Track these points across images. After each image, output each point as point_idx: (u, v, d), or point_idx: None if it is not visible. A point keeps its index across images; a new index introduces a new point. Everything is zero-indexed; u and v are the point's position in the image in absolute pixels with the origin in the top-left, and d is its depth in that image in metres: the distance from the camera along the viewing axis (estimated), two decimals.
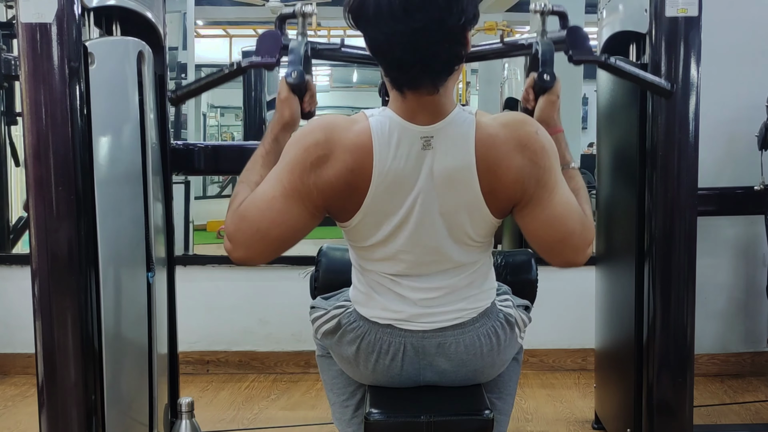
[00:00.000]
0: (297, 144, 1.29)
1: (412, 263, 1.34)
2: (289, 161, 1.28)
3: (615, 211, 2.26)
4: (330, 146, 1.26)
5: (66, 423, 1.60)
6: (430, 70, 1.23)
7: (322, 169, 1.26)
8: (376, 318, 1.39)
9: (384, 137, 1.26)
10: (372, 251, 1.35)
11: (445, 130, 1.26)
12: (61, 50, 1.53)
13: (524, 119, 1.31)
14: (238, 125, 8.68)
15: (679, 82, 1.84)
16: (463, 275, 1.37)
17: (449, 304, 1.38)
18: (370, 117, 1.29)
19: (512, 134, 1.27)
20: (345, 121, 1.29)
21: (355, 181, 1.27)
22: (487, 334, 1.40)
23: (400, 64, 1.23)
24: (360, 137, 1.26)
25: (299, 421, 2.57)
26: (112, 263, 1.69)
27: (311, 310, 1.54)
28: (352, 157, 1.25)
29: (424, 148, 1.26)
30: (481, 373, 1.44)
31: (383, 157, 1.26)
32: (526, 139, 1.27)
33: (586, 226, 1.33)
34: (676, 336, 1.92)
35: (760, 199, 2.49)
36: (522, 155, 1.27)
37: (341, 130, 1.27)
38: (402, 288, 1.37)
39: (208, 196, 7.56)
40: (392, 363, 1.40)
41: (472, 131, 1.26)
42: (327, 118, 1.30)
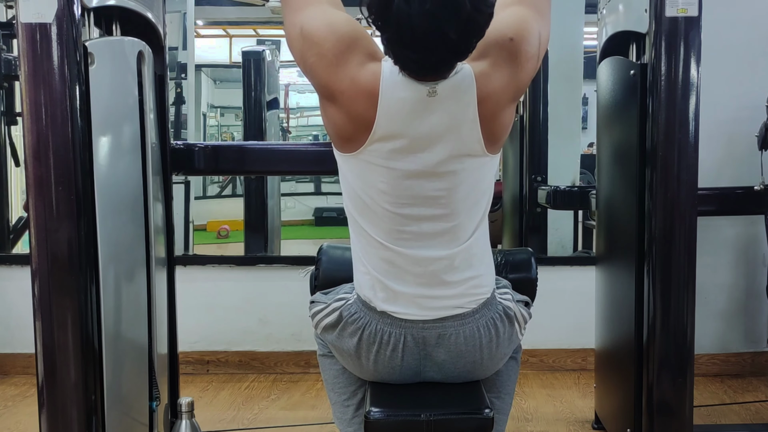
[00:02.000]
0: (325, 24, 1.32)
1: (411, 219, 1.36)
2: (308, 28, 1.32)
3: (615, 211, 2.26)
4: (338, 61, 1.30)
5: (66, 423, 1.60)
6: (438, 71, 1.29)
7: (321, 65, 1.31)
8: (376, 301, 1.39)
9: (391, 82, 1.30)
10: (370, 199, 1.36)
11: (448, 83, 1.30)
12: (61, 50, 1.52)
13: (496, 41, 1.33)
14: (238, 125, 8.68)
15: (679, 82, 1.84)
16: (460, 246, 1.38)
17: (448, 287, 1.38)
18: (384, 61, 1.32)
19: (503, 61, 1.32)
20: (365, 53, 1.32)
21: (349, 112, 1.32)
22: (487, 326, 1.41)
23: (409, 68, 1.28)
24: (367, 78, 1.30)
25: (299, 421, 2.57)
26: (112, 263, 1.69)
27: (311, 305, 1.54)
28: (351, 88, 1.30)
29: (429, 95, 1.30)
30: (479, 365, 1.44)
31: (388, 99, 1.29)
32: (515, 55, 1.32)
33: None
34: (676, 336, 1.92)
35: (760, 199, 2.49)
36: (521, 68, 1.33)
37: (356, 62, 1.31)
38: (401, 260, 1.37)
39: (208, 196, 7.55)
40: (393, 354, 1.40)
41: (472, 84, 1.31)
42: (360, 41, 1.33)
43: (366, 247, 1.41)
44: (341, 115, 1.33)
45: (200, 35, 7.00)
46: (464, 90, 1.30)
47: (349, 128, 1.33)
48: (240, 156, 2.30)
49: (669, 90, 1.85)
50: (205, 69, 7.93)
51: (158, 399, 1.90)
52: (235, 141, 7.86)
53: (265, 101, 4.02)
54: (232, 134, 9.79)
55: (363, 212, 1.39)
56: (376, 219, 1.37)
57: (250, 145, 2.87)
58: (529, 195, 3.47)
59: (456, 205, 1.37)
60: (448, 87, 1.30)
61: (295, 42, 1.36)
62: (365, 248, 1.41)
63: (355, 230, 1.43)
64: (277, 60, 4.26)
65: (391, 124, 1.30)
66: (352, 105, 1.31)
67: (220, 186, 7.85)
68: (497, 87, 1.32)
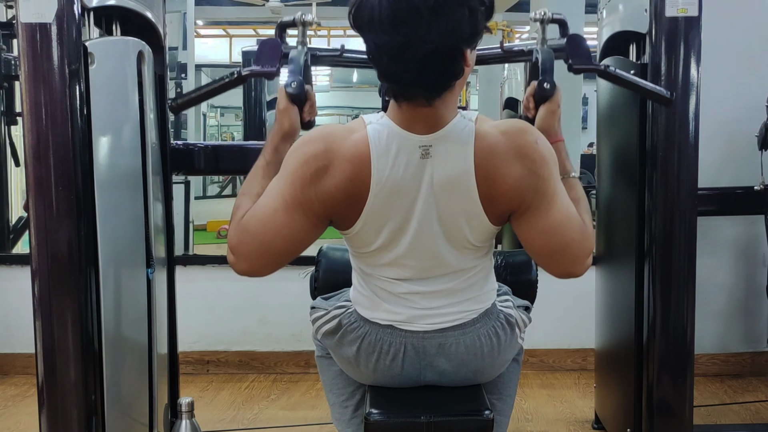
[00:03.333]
0: (296, 155, 1.28)
1: (413, 268, 1.34)
2: (290, 173, 1.28)
3: (615, 211, 2.26)
4: (329, 156, 1.25)
5: (66, 423, 1.60)
6: (422, 85, 1.21)
7: (322, 180, 1.25)
8: (377, 319, 1.39)
9: (382, 146, 1.25)
10: (373, 257, 1.36)
11: (443, 139, 1.26)
12: (61, 50, 1.52)
13: (524, 127, 1.30)
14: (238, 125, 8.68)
15: (679, 82, 1.84)
16: (463, 278, 1.37)
17: (450, 306, 1.38)
18: (369, 125, 1.28)
19: (512, 143, 1.26)
20: (343, 130, 1.29)
21: (354, 190, 1.26)
22: (488, 335, 1.40)
23: (389, 75, 1.22)
24: (358, 147, 1.26)
25: (299, 421, 2.57)
26: (112, 263, 1.69)
27: (311, 311, 1.54)
28: (351, 166, 1.25)
29: (422, 157, 1.26)
30: (481, 373, 1.44)
31: (381, 165, 1.25)
32: (526, 148, 1.26)
33: (585, 236, 1.32)
34: (676, 336, 1.92)
35: (760, 199, 2.49)
36: (521, 164, 1.26)
37: (340, 139, 1.27)
38: (402, 291, 1.37)
39: (208, 196, 7.56)
40: (393, 363, 1.40)
41: (471, 140, 1.26)
42: (325, 129, 1.30)
43: (365, 277, 1.40)
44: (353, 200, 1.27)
45: (200, 35, 7.00)
46: (460, 146, 1.25)
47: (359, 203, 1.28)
48: (240, 156, 2.30)
49: (669, 90, 1.85)
50: (205, 69, 7.94)
51: (153, 265, 1.87)
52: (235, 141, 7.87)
53: (265, 101, 4.02)
54: (232, 134, 9.79)
55: (362, 259, 1.38)
56: (374, 262, 1.37)
57: (250, 145, 2.86)
58: None
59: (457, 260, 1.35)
60: (442, 149, 1.25)
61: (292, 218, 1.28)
62: (364, 277, 1.41)
63: (354, 260, 1.42)
64: None
65: (386, 186, 1.26)
66: (360, 180, 1.25)
67: (220, 186, 7.86)
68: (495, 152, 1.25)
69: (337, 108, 12.15)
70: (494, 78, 5.82)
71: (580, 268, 1.34)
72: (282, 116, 1.46)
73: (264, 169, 1.41)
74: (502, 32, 5.94)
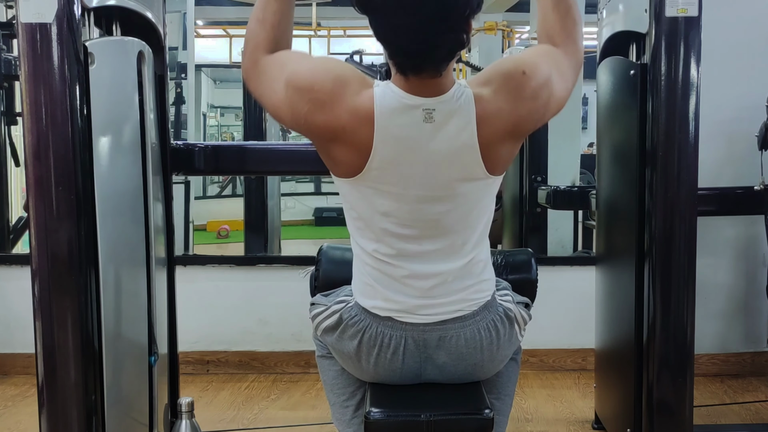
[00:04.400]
0: (311, 69, 1.32)
1: (412, 238, 1.35)
2: (295, 73, 1.31)
3: (615, 211, 2.26)
4: (331, 99, 1.28)
5: (66, 423, 1.60)
6: (435, 58, 1.26)
7: (316, 110, 1.29)
8: (376, 309, 1.39)
9: (386, 107, 1.28)
10: (371, 221, 1.36)
11: (446, 104, 1.29)
12: (61, 50, 1.52)
13: (507, 71, 1.33)
14: (238, 125, 8.68)
15: (679, 82, 1.84)
16: (461, 260, 1.38)
17: (449, 294, 1.38)
18: (376, 86, 1.31)
19: (507, 93, 1.30)
20: (357, 83, 1.31)
21: (354, 141, 1.29)
22: (487, 328, 1.41)
23: (406, 52, 1.26)
24: (363, 104, 1.28)
25: (299, 421, 2.57)
26: (112, 263, 1.69)
27: (311, 307, 1.54)
28: (350, 118, 1.28)
29: (425, 121, 1.28)
30: (480, 367, 1.44)
31: (384, 125, 1.28)
32: (520, 89, 1.31)
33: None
34: (676, 336, 1.92)
35: (760, 199, 2.49)
36: (523, 104, 1.31)
37: (351, 92, 1.29)
38: (403, 275, 1.37)
39: (208, 196, 7.55)
40: (393, 357, 1.40)
41: (472, 105, 1.29)
42: (347, 73, 1.32)
43: (366, 260, 1.41)
44: (344, 149, 1.31)
45: (200, 35, 6.99)
46: (463, 113, 1.28)
47: (352, 158, 1.31)
48: (240, 156, 2.30)
49: (669, 90, 1.85)
50: (205, 69, 7.93)
51: (156, 354, 1.89)
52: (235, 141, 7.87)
53: None
54: (232, 134, 9.78)
55: (363, 230, 1.39)
56: (377, 238, 1.37)
57: (250, 145, 2.87)
58: (529, 195, 3.48)
59: (456, 225, 1.36)
60: (446, 110, 1.28)
61: (282, 104, 1.33)
62: (365, 260, 1.41)
63: (356, 244, 1.43)
64: None
65: (388, 151, 1.29)
66: (354, 136, 1.29)
67: (220, 186, 7.85)
68: (496, 113, 1.30)
69: None
70: None
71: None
72: None
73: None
74: (502, 32, 5.94)
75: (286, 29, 1.39)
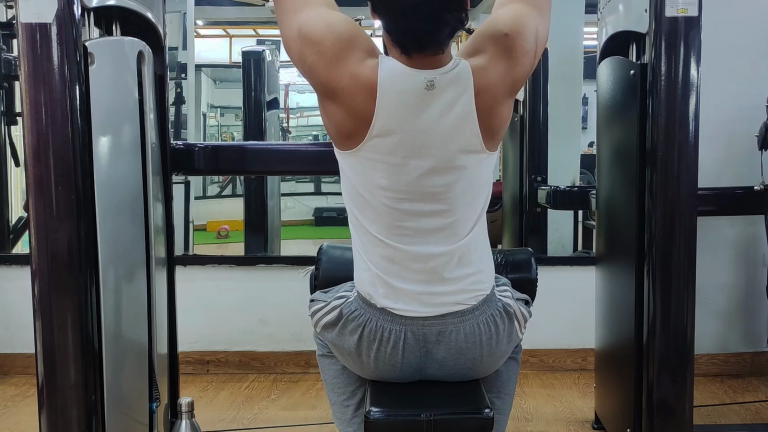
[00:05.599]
0: (325, 23, 1.34)
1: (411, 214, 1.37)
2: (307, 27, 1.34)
3: (615, 211, 2.26)
4: (338, 59, 1.31)
5: (66, 423, 1.60)
6: (439, 36, 1.31)
7: (320, 63, 1.32)
8: (377, 297, 1.40)
9: (389, 76, 1.31)
10: (371, 196, 1.37)
11: (446, 75, 1.32)
12: (61, 50, 1.52)
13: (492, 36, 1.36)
14: (238, 125, 8.68)
15: (679, 82, 1.84)
16: (459, 241, 1.39)
17: (448, 282, 1.39)
18: (381, 57, 1.34)
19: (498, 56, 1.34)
20: (365, 50, 1.34)
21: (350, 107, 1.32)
22: (486, 323, 1.42)
23: (414, 33, 1.30)
24: (366, 72, 1.31)
25: (299, 421, 2.57)
26: (112, 263, 1.69)
27: (311, 303, 1.54)
28: (351, 83, 1.31)
29: (427, 88, 1.32)
30: (479, 362, 1.45)
31: (386, 93, 1.30)
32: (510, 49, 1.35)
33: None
34: (676, 336, 1.92)
35: (760, 199, 2.49)
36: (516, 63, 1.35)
37: (356, 58, 1.32)
38: (402, 256, 1.38)
39: (208, 196, 7.55)
40: (393, 351, 1.41)
41: (470, 77, 1.32)
42: (358, 38, 1.34)
43: (366, 244, 1.41)
44: (341, 111, 1.34)
45: (200, 35, 7.00)
46: (462, 82, 1.32)
47: (350, 124, 1.34)
48: (240, 156, 2.30)
49: (669, 90, 1.85)
50: (205, 69, 7.93)
51: (158, 400, 1.90)
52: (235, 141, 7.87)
53: (265, 101, 4.02)
54: (232, 134, 9.78)
55: (363, 209, 1.40)
56: (376, 215, 1.38)
57: (250, 145, 2.87)
58: (529, 195, 3.47)
59: (454, 201, 1.38)
60: (446, 80, 1.32)
61: (292, 43, 1.37)
62: (365, 245, 1.42)
63: (356, 227, 1.43)
64: (277, 60, 4.26)
65: (389, 118, 1.31)
66: (352, 100, 1.32)
67: (220, 186, 7.85)
68: (494, 80, 1.34)
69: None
70: None
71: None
72: None
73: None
74: None
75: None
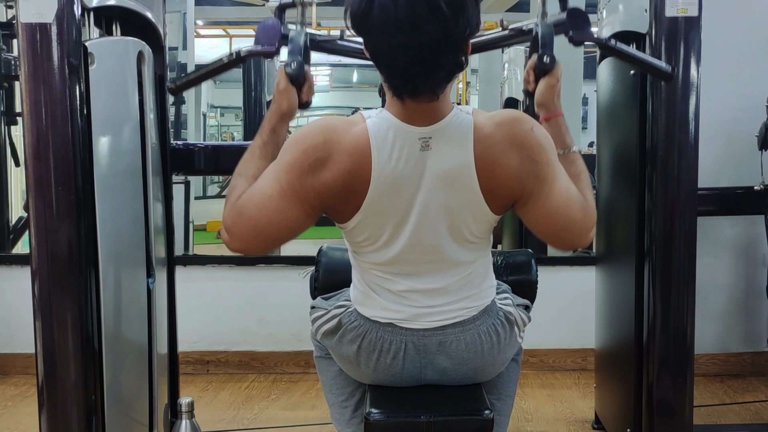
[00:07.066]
0: (296, 145, 1.28)
1: (412, 262, 1.35)
2: (287, 162, 1.28)
3: (615, 211, 2.26)
4: (329, 149, 1.26)
5: (66, 423, 1.60)
6: (433, 80, 1.23)
7: (320, 172, 1.26)
8: (376, 317, 1.39)
9: (382, 139, 1.26)
10: (371, 253, 1.36)
11: (443, 131, 1.27)
12: (61, 50, 1.52)
13: (519, 117, 1.31)
14: (238, 125, 8.68)
15: (679, 82, 1.84)
16: (462, 275, 1.37)
17: (450, 305, 1.38)
18: (368, 119, 1.29)
19: (508, 133, 1.28)
20: (343, 123, 1.29)
21: (353, 183, 1.27)
22: (488, 332, 1.41)
23: (404, 75, 1.22)
24: (358, 140, 1.26)
25: (299, 421, 2.57)
26: (112, 263, 1.69)
27: (311, 310, 1.54)
28: (351, 159, 1.26)
29: (422, 149, 1.27)
30: (481, 371, 1.44)
31: (382, 158, 1.26)
32: (522, 137, 1.28)
33: (587, 213, 1.35)
34: (676, 336, 1.92)
35: (760, 199, 2.49)
36: (519, 153, 1.27)
37: (340, 132, 1.27)
38: (402, 289, 1.37)
39: (208, 196, 7.55)
40: (393, 362, 1.40)
41: (470, 132, 1.27)
42: (326, 121, 1.30)
43: (364, 274, 1.41)
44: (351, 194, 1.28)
45: (200, 35, 7.00)
46: (459, 138, 1.26)
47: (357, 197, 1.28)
48: (240, 156, 2.29)
49: (669, 90, 1.85)
50: None
51: (154, 276, 1.87)
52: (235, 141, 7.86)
53: (265, 101, 4.02)
54: (232, 134, 9.78)
55: (361, 254, 1.39)
56: (374, 258, 1.37)
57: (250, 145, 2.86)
58: None
59: (455, 254, 1.35)
60: (442, 140, 1.26)
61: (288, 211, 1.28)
62: (363, 274, 1.41)
63: (354, 261, 1.43)
64: (277, 60, 4.26)
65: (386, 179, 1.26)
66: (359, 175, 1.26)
67: (220, 186, 7.84)
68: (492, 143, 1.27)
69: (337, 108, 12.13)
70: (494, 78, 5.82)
71: (585, 241, 1.37)
72: (281, 97, 1.47)
73: (261, 149, 1.42)
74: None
75: None
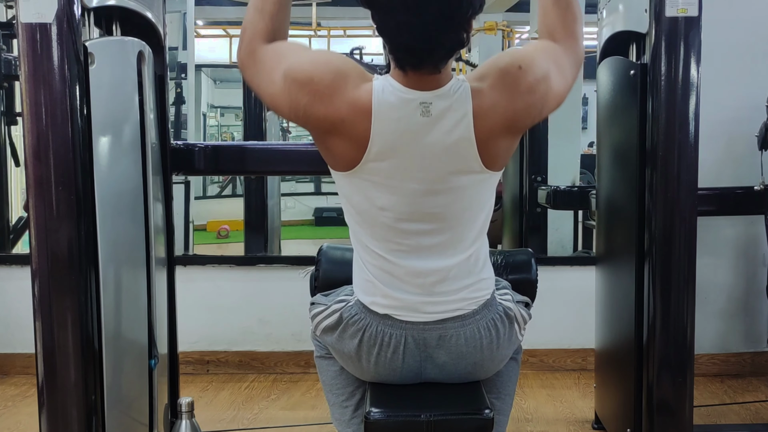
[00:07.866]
0: (312, 63, 1.32)
1: (411, 233, 1.36)
2: (298, 68, 1.31)
3: (615, 211, 2.26)
4: (331, 90, 1.29)
5: (66, 423, 1.60)
6: (435, 55, 1.27)
7: (316, 102, 1.29)
8: (376, 306, 1.40)
9: (384, 100, 1.29)
10: (370, 215, 1.36)
11: (443, 97, 1.29)
12: (61, 50, 1.52)
13: (504, 66, 1.32)
14: (238, 125, 8.68)
15: (679, 82, 1.84)
16: (460, 256, 1.38)
17: (450, 293, 1.38)
18: (375, 80, 1.32)
19: (503, 87, 1.30)
20: (357, 75, 1.32)
21: (347, 132, 1.30)
22: (487, 327, 1.41)
23: (408, 49, 1.27)
24: (362, 95, 1.29)
25: (299, 421, 2.57)
26: (112, 263, 1.69)
27: (311, 306, 1.54)
28: (348, 110, 1.29)
29: (422, 115, 1.29)
30: (480, 366, 1.44)
31: (382, 118, 1.28)
32: (517, 83, 1.30)
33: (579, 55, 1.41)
34: (676, 336, 1.92)
35: (760, 199, 2.49)
36: (520, 98, 1.30)
37: (350, 81, 1.30)
38: (402, 272, 1.37)
39: (208, 196, 7.55)
40: (394, 356, 1.40)
41: (468, 98, 1.29)
42: (344, 65, 1.32)
43: (366, 257, 1.41)
44: (343, 142, 1.32)
45: (200, 35, 7.00)
46: (460, 106, 1.29)
47: (350, 151, 1.32)
48: (240, 156, 2.30)
49: (669, 90, 1.85)
50: (205, 69, 7.93)
51: (157, 357, 1.89)
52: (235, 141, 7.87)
53: None
54: (232, 134, 9.78)
55: (362, 225, 1.39)
56: (375, 232, 1.38)
57: (250, 145, 2.86)
58: (529, 195, 3.48)
59: (454, 220, 1.37)
60: (443, 103, 1.29)
61: (280, 96, 1.33)
62: (365, 258, 1.41)
63: (355, 240, 1.43)
64: None
65: (385, 144, 1.29)
66: (353, 128, 1.29)
67: (220, 186, 7.85)
68: (492, 107, 1.30)
69: None
70: None
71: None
72: None
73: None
74: (502, 32, 5.93)
75: (284, 20, 1.40)
